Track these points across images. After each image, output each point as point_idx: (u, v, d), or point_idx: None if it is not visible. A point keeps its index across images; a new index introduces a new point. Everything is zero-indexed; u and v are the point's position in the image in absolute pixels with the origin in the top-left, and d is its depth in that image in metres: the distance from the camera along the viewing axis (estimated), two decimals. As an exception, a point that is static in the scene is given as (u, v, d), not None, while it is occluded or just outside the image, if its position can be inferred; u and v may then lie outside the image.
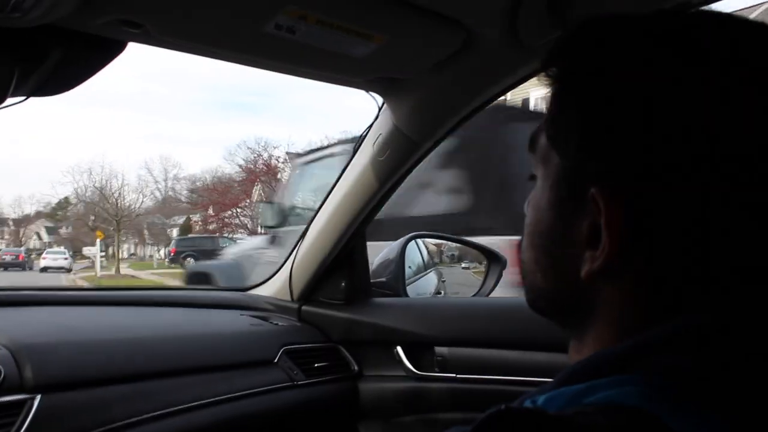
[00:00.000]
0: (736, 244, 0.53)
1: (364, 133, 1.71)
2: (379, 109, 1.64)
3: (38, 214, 58.32)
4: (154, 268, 30.59)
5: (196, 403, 1.48)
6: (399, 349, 1.81)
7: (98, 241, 28.73)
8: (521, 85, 1.49)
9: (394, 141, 1.63)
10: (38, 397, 1.24)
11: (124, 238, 40.70)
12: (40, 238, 55.12)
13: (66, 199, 52.49)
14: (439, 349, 1.76)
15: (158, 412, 1.41)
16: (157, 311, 1.90)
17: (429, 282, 2.41)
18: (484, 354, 1.70)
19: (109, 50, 1.16)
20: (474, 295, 2.18)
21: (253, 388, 1.62)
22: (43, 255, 35.66)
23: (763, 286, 0.54)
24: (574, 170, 0.59)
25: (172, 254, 29.95)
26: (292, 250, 2.01)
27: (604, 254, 0.55)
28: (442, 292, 2.45)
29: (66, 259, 34.22)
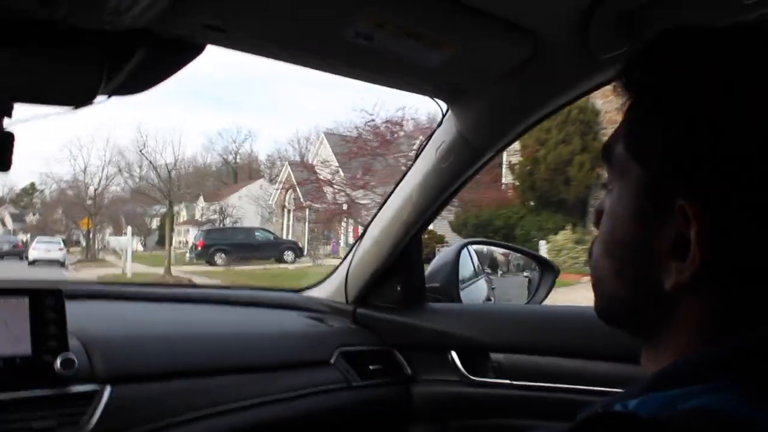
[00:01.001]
0: None
1: (427, 139, 1.73)
2: (443, 116, 1.65)
3: (1, 201, 54.88)
4: (186, 263, 26.15)
5: (255, 401, 1.52)
6: (453, 354, 1.82)
7: (129, 229, 25.50)
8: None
9: (457, 148, 1.64)
10: (108, 388, 1.29)
11: (98, 226, 38.71)
12: (4, 224, 50.87)
13: (32, 185, 50.82)
14: (494, 356, 1.77)
15: (219, 408, 1.44)
16: (217, 309, 1.94)
17: (480, 289, 2.41)
18: (539, 361, 1.70)
19: (189, 52, 1.19)
20: (527, 303, 2.18)
21: (309, 387, 1.65)
22: (33, 245, 30.49)
23: None
24: (658, 182, 0.60)
25: (199, 248, 26.03)
26: (348, 252, 2.03)
27: (693, 266, 0.56)
28: (492, 299, 2.45)
29: (60, 249, 29.66)
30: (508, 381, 1.73)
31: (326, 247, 24.26)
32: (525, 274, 2.34)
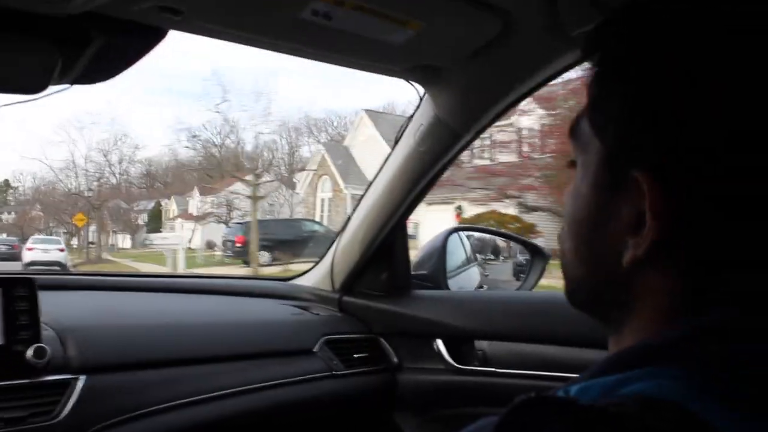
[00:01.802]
0: None
1: (405, 124, 1.71)
2: (421, 99, 1.63)
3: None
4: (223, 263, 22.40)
5: (235, 389, 1.51)
6: (439, 341, 1.80)
7: (178, 223, 23.26)
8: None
9: (435, 131, 1.63)
10: (82, 378, 1.28)
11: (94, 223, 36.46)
12: (-25, 224, 46.73)
13: (6, 182, 49.05)
14: (479, 343, 1.75)
15: (198, 397, 1.44)
16: (200, 298, 1.93)
17: (471, 276, 2.39)
18: (525, 349, 1.69)
19: (150, 38, 1.18)
20: (518, 290, 2.16)
21: (292, 376, 1.64)
22: (28, 244, 26.32)
23: None
24: (617, 155, 0.58)
25: (238, 245, 21.44)
26: (334, 240, 2.02)
27: (648, 239, 0.54)
28: (485, 286, 2.43)
29: (61, 250, 25.63)
30: (493, 369, 1.72)
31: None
32: (526, 258, 2.32)
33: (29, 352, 1.25)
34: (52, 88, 1.18)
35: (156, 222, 41.20)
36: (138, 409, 1.33)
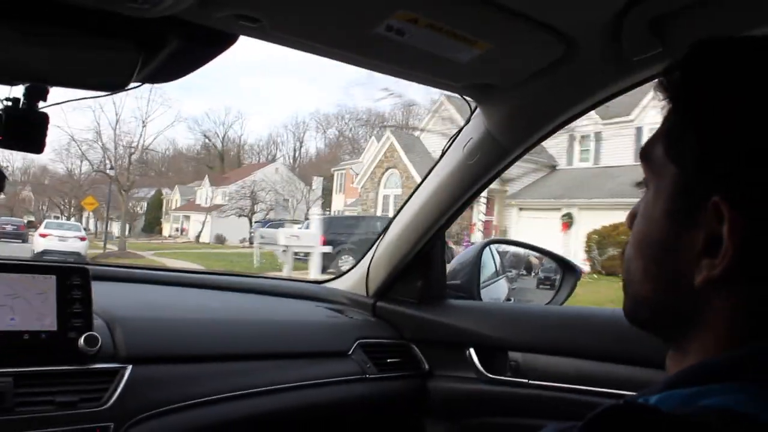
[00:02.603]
0: None
1: (455, 136, 1.73)
2: (471, 113, 1.66)
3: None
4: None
5: (272, 387, 1.54)
6: (471, 350, 1.83)
7: (312, 212, 20.40)
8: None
9: (484, 146, 1.65)
10: (129, 367, 1.32)
11: (76, 214, 35.03)
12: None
13: None
14: (512, 354, 1.77)
15: (239, 392, 1.47)
16: (241, 297, 1.96)
17: (500, 288, 2.42)
18: (557, 362, 1.70)
19: (222, 43, 1.21)
20: (548, 304, 2.18)
21: (327, 377, 1.67)
22: (41, 230, 22.03)
23: None
24: (694, 181, 0.61)
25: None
26: (371, 246, 2.04)
27: (725, 261, 0.57)
28: (512, 298, 2.45)
29: (83, 239, 21.69)
30: (524, 380, 1.73)
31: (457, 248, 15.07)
32: (546, 273, 2.34)
33: (81, 340, 1.29)
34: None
35: (156, 212, 40.11)
36: (179, 402, 1.36)
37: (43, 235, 20.82)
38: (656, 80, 0.68)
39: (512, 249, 2.37)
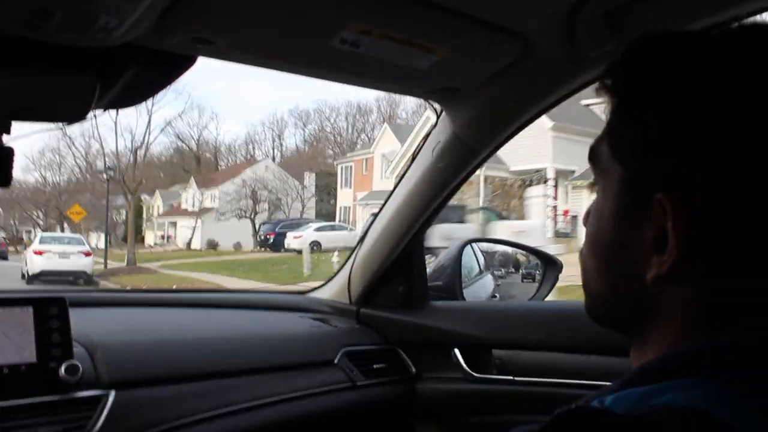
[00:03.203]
0: None
1: (423, 141, 1.74)
2: (438, 117, 1.67)
3: None
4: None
5: (259, 402, 1.54)
6: (456, 351, 1.84)
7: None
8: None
9: (453, 148, 1.66)
10: (113, 393, 1.32)
11: (54, 221, 32.84)
12: None
13: None
14: (496, 352, 1.78)
15: (224, 410, 1.47)
16: (221, 313, 1.96)
17: (485, 285, 2.43)
18: (541, 357, 1.72)
19: (181, 65, 1.22)
20: (530, 299, 2.19)
21: (314, 388, 1.67)
22: (36, 246, 18.93)
23: None
24: (638, 179, 0.62)
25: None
26: (351, 254, 2.05)
27: (672, 258, 0.58)
28: (497, 295, 2.46)
29: (88, 254, 19.05)
30: (510, 377, 1.75)
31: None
32: (527, 269, 2.35)
33: (62, 369, 1.29)
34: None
35: (136, 219, 35.84)
36: (167, 422, 1.37)
37: (38, 253, 18.06)
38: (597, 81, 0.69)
39: (501, 248, 2.38)
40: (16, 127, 1.18)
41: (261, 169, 34.97)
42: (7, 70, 1.06)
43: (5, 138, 1.18)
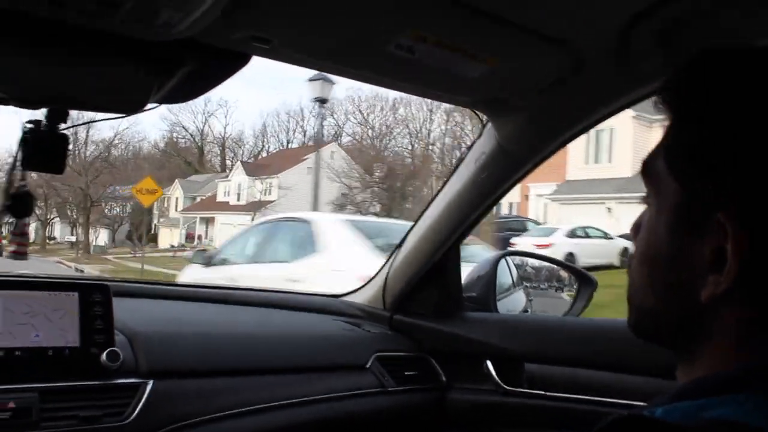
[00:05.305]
0: None
1: (467, 150, 1.75)
2: (483, 127, 1.67)
3: None
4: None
5: (292, 401, 1.55)
6: (488, 363, 1.83)
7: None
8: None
9: (496, 159, 1.66)
10: (151, 382, 1.34)
11: (52, 215, 30.12)
12: None
13: None
14: (529, 366, 1.78)
15: (259, 406, 1.49)
16: (258, 311, 1.98)
17: (517, 300, 2.42)
18: (574, 373, 1.70)
19: (236, 63, 1.24)
20: (565, 315, 2.18)
21: (346, 390, 1.68)
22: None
23: None
24: (696, 196, 0.61)
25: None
26: (388, 259, 2.06)
27: (731, 277, 0.57)
28: (529, 310, 2.45)
29: None
30: (542, 392, 1.74)
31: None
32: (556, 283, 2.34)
33: (103, 356, 1.32)
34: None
35: (141, 216, 31.05)
36: (200, 416, 1.39)
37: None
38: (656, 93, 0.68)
39: (547, 264, 2.37)
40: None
41: (326, 154, 28.07)
42: (68, 59, 1.09)
43: (62, 126, 1.21)
